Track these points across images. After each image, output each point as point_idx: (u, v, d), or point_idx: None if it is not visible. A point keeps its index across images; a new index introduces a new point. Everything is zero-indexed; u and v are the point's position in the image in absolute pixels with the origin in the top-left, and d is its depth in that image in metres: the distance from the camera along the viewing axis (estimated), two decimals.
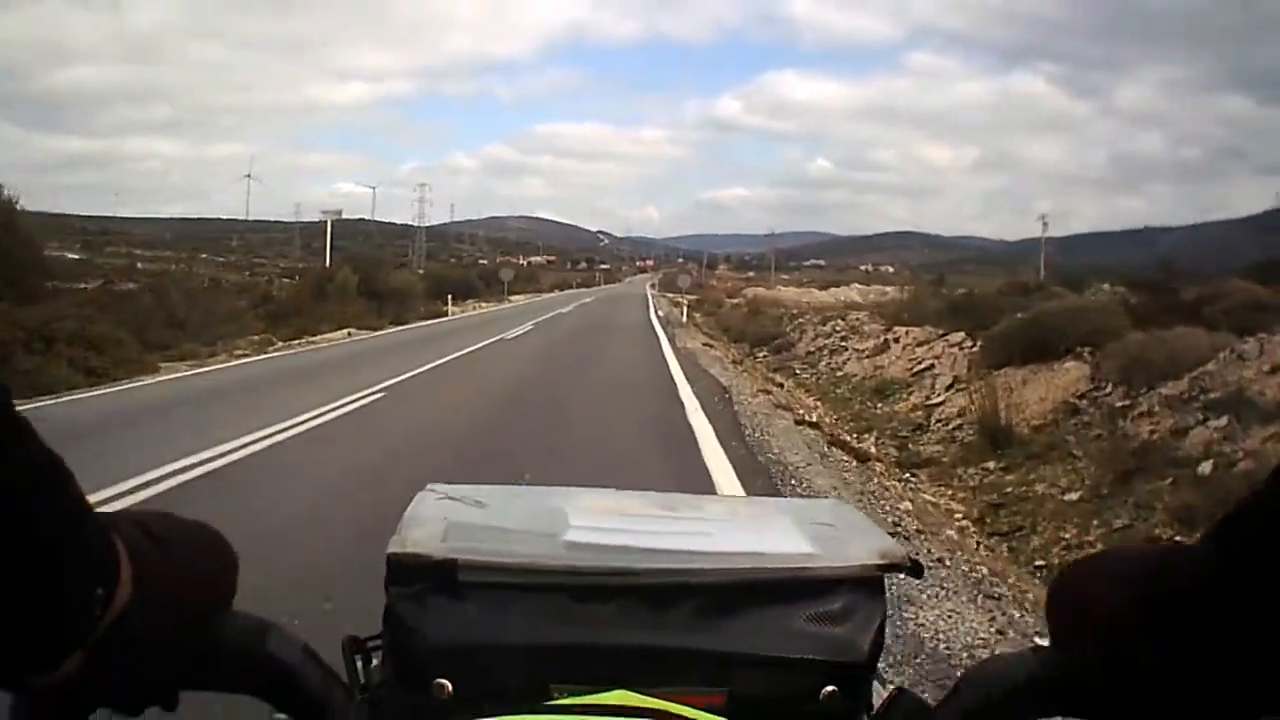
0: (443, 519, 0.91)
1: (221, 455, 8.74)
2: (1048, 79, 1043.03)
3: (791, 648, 0.83)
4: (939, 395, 17.05)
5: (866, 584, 0.87)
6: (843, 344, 26.14)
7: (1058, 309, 17.34)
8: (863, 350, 23.83)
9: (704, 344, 26.85)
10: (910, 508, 8.85)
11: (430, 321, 38.91)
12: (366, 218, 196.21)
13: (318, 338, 28.29)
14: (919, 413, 16.70)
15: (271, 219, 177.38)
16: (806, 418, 14.06)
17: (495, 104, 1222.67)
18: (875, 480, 9.81)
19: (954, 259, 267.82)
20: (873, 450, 13.90)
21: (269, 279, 65.39)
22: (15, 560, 0.52)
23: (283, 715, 0.79)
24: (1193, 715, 0.60)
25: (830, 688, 0.83)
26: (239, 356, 21.94)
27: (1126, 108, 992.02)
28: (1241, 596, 0.54)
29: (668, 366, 19.06)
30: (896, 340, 22.79)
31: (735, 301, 69.07)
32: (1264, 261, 37.45)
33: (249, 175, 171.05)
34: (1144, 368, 13.48)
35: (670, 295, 79.20)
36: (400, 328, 34.12)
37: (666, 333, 31.11)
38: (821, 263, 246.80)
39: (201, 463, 8.35)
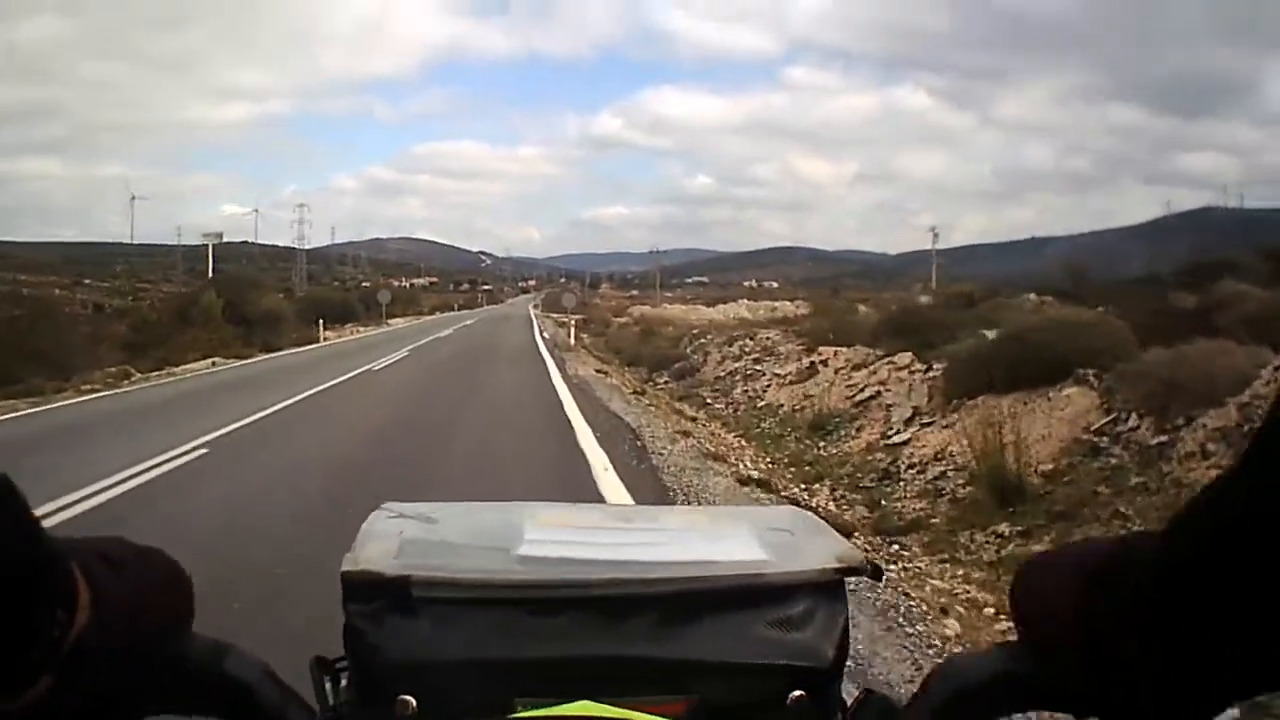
0: (396, 535, 0.91)
1: None
2: (929, 91, 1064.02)
3: (753, 653, 0.82)
4: (900, 432, 13.61)
5: (826, 588, 0.87)
6: (757, 367, 22.77)
7: (1047, 323, 13.98)
8: (784, 375, 20.39)
9: (597, 370, 23.52)
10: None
11: (302, 348, 35.27)
12: (250, 240, 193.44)
13: (180, 368, 26.17)
14: (879, 455, 13.24)
15: (156, 242, 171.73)
16: (749, 472, 10.58)
17: (375, 124, 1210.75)
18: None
19: (838, 273, 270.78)
20: (835, 509, 10.48)
21: (151, 303, 62.91)
22: None
23: None
24: (1160, 704, 0.60)
25: (798, 692, 0.82)
26: (87, 392, 19.93)
27: (1011, 118, 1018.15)
28: (1197, 585, 0.54)
29: (560, 402, 15.76)
30: (824, 363, 19.42)
31: (623, 320, 65.83)
32: (1194, 263, 35.06)
33: (134, 197, 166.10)
34: (1175, 393, 10.27)
35: (555, 315, 75.97)
36: (269, 355, 31.39)
37: (554, 357, 27.73)
38: (705, 280, 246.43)
39: None
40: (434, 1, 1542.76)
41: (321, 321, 41.04)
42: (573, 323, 40.91)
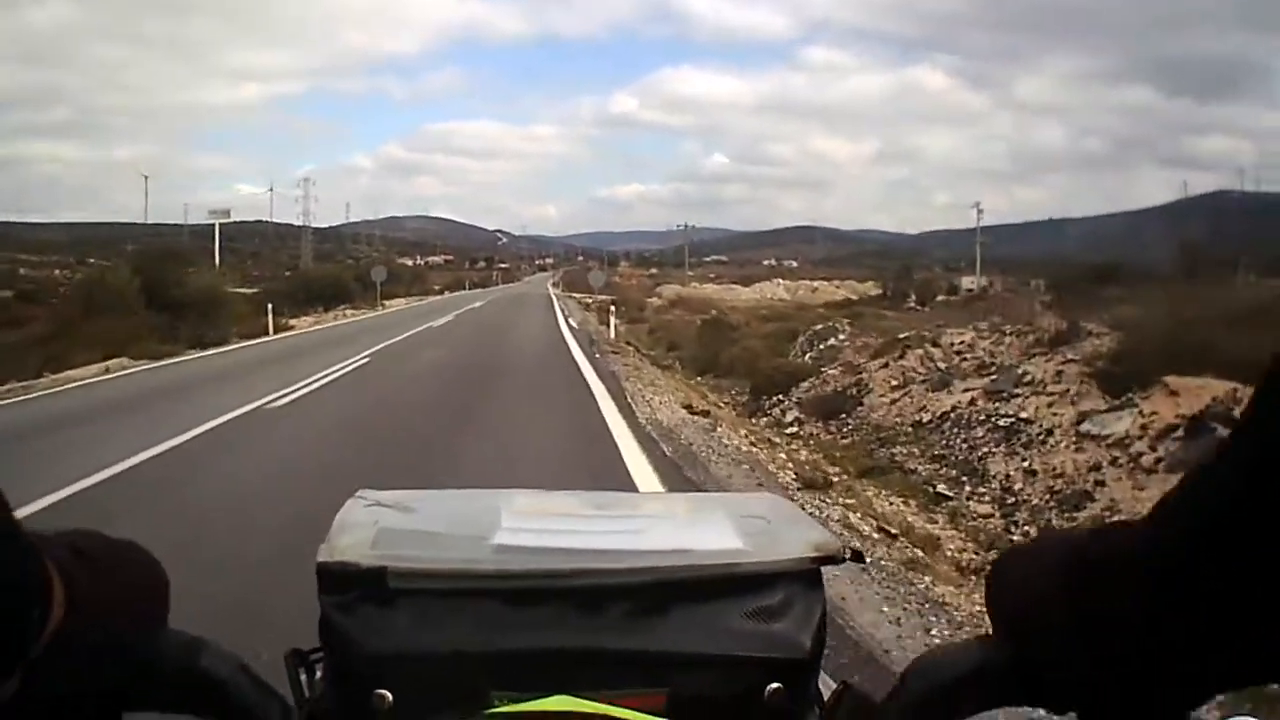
0: (372, 524, 0.88)
1: None
2: (947, 71, 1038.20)
3: (730, 645, 0.80)
4: None
5: (803, 577, 0.84)
6: (1004, 409, 11.66)
7: None
8: (1060, 422, 9.56)
9: (687, 408, 12.54)
10: None
11: (247, 344, 25.27)
12: (264, 219, 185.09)
13: (62, 375, 18.69)
14: None
15: (169, 222, 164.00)
16: None
17: (390, 103, 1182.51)
18: None
19: (857, 252, 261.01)
20: None
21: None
22: None
23: None
24: (1143, 697, 0.59)
25: (775, 685, 0.80)
26: None
27: (1028, 99, 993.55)
28: (1183, 575, 0.53)
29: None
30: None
31: (656, 302, 55.94)
32: None
33: (146, 176, 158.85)
34: None
35: (577, 295, 64.88)
36: (199, 354, 22.78)
37: (597, 366, 17.27)
38: (724, 258, 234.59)
39: None
40: None
41: (270, 307, 30.13)
42: (611, 309, 29.82)
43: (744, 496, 1.33)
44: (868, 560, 4.67)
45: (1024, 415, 10.98)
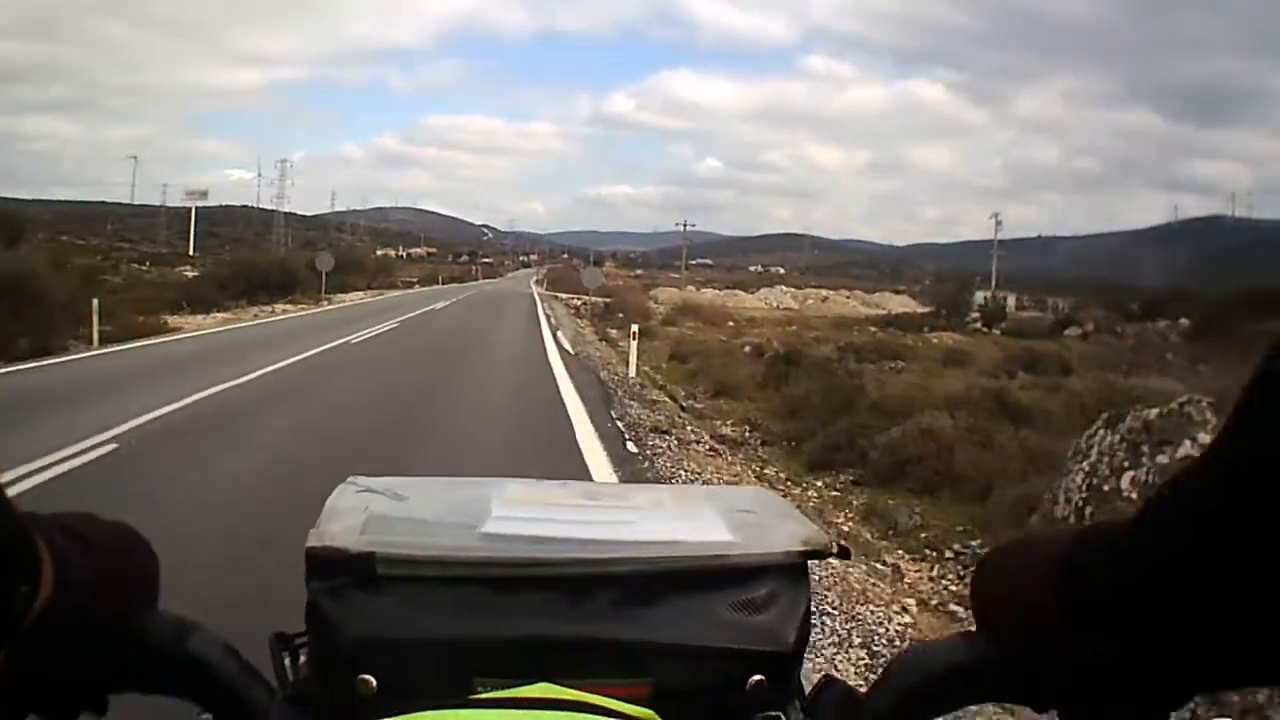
0: (363, 510, 0.86)
1: None
2: (946, 85, 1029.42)
3: (714, 636, 0.79)
4: None
5: (789, 571, 0.83)
6: None
7: None
8: None
9: None
10: None
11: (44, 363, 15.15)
12: (250, 205, 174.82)
13: None
14: None
15: (156, 204, 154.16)
16: None
17: (386, 94, 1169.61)
18: None
19: (844, 261, 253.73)
20: None
21: (115, 264, 56.78)
22: None
23: (206, 715, 0.75)
24: (1122, 697, 0.59)
25: (757, 676, 0.79)
26: None
27: (1025, 117, 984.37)
28: (1167, 575, 0.52)
29: None
30: None
31: (658, 309, 45.52)
32: None
33: (134, 158, 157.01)
34: None
35: (563, 297, 54.03)
36: None
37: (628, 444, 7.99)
38: (709, 262, 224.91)
39: None
40: None
41: (97, 304, 18.59)
42: (632, 333, 18.16)
43: (733, 490, 1.26)
44: None
45: None
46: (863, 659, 4.45)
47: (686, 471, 8.40)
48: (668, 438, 10.10)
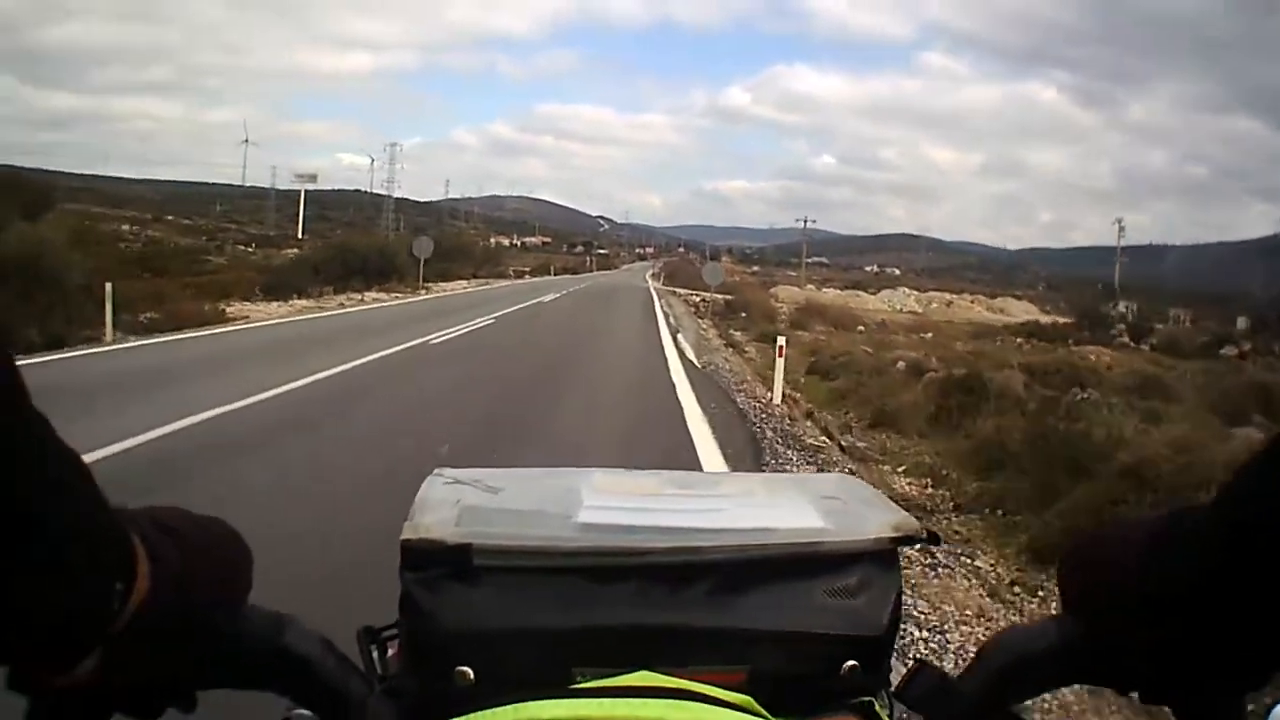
0: (455, 503, 0.85)
1: None
2: (1059, 87, 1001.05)
3: (809, 622, 0.79)
4: None
5: (881, 557, 0.83)
6: None
7: None
8: None
9: None
10: None
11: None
12: (363, 189, 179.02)
13: None
14: None
15: (266, 186, 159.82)
16: None
17: (499, 81, 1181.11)
18: None
19: (956, 264, 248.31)
20: None
21: (220, 245, 58.64)
22: (37, 554, 0.49)
23: (302, 710, 0.75)
24: (1208, 681, 0.60)
25: (851, 662, 0.79)
26: None
27: (1135, 121, 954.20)
28: (1244, 564, 0.53)
29: None
30: None
31: (780, 309, 42.15)
32: None
33: (245, 140, 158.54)
34: None
35: (681, 293, 50.82)
36: None
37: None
38: (825, 260, 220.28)
39: None
40: None
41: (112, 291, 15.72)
42: (780, 350, 13.31)
43: (819, 477, 1.27)
44: None
45: None
46: None
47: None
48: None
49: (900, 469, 11.11)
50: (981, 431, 11.73)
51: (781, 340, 12.39)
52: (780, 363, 12.21)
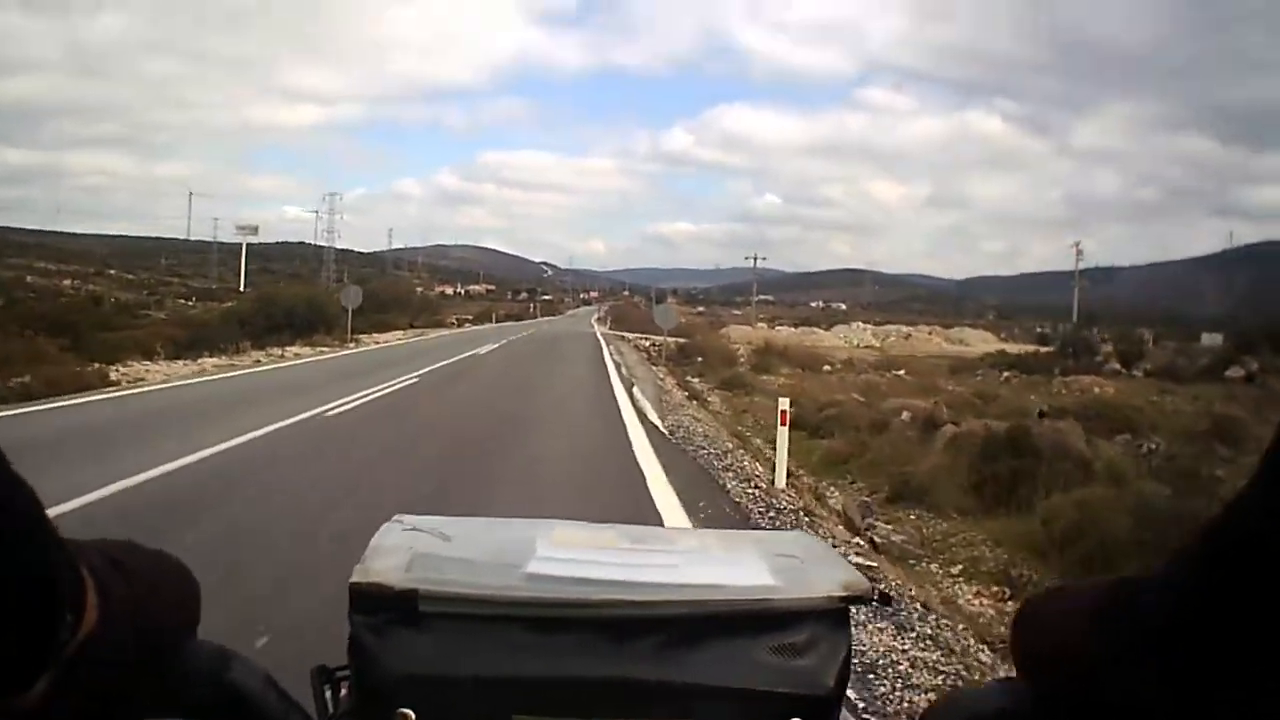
0: (408, 549, 0.86)
1: None
2: (1004, 116, 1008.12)
3: (755, 679, 0.78)
4: None
5: (830, 615, 0.83)
6: None
7: None
8: None
9: None
10: None
11: None
12: (306, 241, 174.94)
13: None
14: None
15: (210, 239, 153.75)
16: None
17: (444, 132, 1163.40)
18: None
19: (904, 296, 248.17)
20: None
21: (160, 299, 59.75)
22: None
23: None
24: None
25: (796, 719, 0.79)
26: None
27: (1084, 146, 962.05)
28: (1197, 620, 0.52)
29: None
30: None
31: (738, 350, 39.13)
32: None
33: (191, 194, 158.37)
34: None
35: (630, 337, 47.30)
36: None
37: None
38: (770, 298, 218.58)
39: None
40: (510, 11, 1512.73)
41: None
42: (782, 416, 9.32)
43: (777, 534, 1.27)
44: None
45: None
46: None
47: None
48: None
49: (954, 569, 8.06)
50: (1057, 510, 8.68)
51: (784, 405, 9.11)
52: (784, 433, 8.94)
